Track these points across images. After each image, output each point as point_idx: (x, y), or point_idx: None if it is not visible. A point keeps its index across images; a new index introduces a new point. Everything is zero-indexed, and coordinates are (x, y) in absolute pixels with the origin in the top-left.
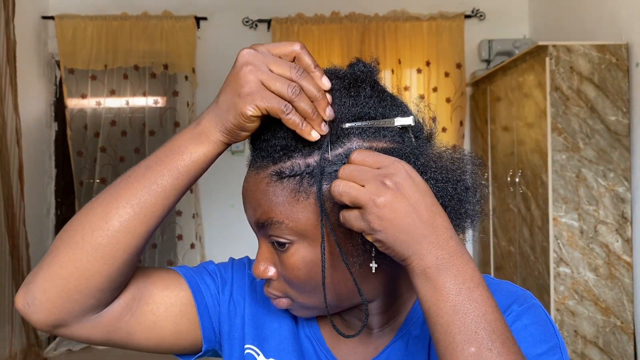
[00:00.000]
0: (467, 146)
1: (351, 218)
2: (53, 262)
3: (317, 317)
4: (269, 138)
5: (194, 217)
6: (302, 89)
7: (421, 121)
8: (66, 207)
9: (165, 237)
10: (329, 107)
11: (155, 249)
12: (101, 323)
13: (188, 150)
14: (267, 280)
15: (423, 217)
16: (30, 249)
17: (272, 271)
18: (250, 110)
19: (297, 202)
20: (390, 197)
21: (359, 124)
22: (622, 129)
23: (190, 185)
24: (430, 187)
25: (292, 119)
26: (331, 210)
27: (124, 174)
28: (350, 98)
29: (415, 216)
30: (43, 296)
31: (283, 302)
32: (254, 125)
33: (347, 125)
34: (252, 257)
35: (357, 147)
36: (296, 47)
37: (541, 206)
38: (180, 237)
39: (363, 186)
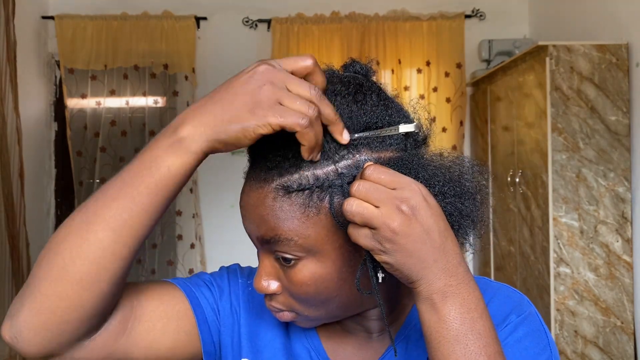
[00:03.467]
0: (467, 146)
1: (360, 235)
2: (35, 295)
3: (317, 326)
4: (274, 149)
5: (194, 217)
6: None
7: (420, 125)
8: (66, 207)
9: (165, 237)
10: (345, 130)
11: (155, 249)
12: (96, 348)
13: (165, 163)
14: (269, 294)
15: (435, 242)
16: (30, 249)
17: (275, 285)
18: (263, 129)
19: (307, 218)
20: (404, 223)
21: (366, 134)
22: (622, 129)
23: (170, 201)
24: (439, 202)
25: (309, 133)
26: (342, 224)
27: (100, 188)
28: (357, 107)
29: (428, 242)
30: (29, 331)
31: (287, 316)
32: (252, 142)
33: (356, 135)
34: (250, 261)
35: (366, 158)
36: (309, 62)
37: (541, 206)
38: (180, 237)
39: (377, 207)
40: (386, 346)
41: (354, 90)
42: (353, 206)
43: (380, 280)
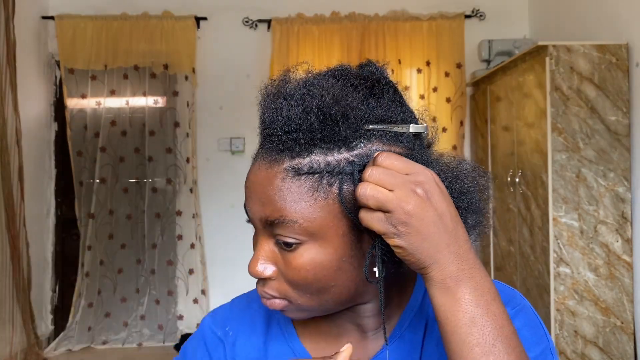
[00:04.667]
0: (467, 146)
1: (373, 219)
2: None
3: (297, 332)
4: (288, 130)
5: (194, 217)
6: None
7: (428, 129)
8: (66, 207)
9: (165, 237)
10: None
11: (155, 249)
12: None
13: None
14: (263, 279)
15: (448, 226)
16: (30, 249)
17: (270, 270)
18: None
19: (315, 201)
20: (419, 205)
21: (380, 126)
22: (622, 129)
23: None
24: None
25: None
26: (350, 210)
27: None
28: (374, 99)
29: (441, 225)
30: None
31: (278, 304)
32: None
33: (371, 126)
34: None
35: (377, 149)
36: None
37: (541, 206)
38: (180, 237)
39: (391, 191)
40: (380, 346)
41: (372, 84)
42: (367, 189)
43: (377, 275)
